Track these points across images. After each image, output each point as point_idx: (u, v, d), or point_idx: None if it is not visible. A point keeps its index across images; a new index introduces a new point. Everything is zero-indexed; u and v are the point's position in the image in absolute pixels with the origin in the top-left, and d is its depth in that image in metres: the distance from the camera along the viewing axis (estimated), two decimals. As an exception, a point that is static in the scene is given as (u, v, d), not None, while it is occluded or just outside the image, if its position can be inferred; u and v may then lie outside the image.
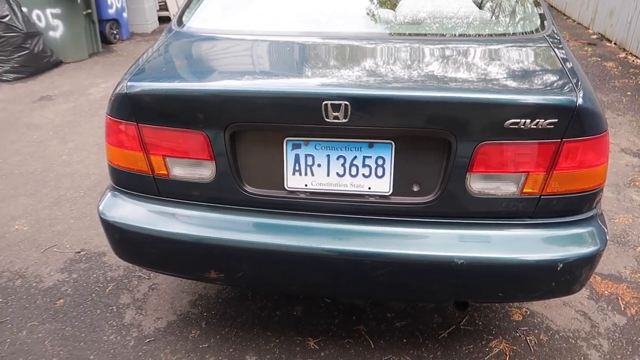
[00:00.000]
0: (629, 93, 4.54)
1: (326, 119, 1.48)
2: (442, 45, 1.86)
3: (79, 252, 2.64)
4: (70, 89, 5.17)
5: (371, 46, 1.86)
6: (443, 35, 1.96)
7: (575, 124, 1.47)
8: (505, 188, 1.57)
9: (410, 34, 1.99)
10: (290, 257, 1.65)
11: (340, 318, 2.22)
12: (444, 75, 1.63)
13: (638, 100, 4.39)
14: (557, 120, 1.45)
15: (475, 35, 1.96)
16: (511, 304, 2.29)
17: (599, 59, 5.99)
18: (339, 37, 1.92)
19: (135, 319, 2.20)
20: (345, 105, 1.46)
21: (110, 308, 2.26)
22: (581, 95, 1.47)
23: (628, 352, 2.04)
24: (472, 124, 1.49)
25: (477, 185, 1.56)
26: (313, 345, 2.08)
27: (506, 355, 2.03)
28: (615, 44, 6.73)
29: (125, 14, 7.34)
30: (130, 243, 1.81)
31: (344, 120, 1.48)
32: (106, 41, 7.01)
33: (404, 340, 2.11)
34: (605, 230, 1.66)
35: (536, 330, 2.15)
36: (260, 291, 2.35)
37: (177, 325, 2.17)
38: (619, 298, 2.31)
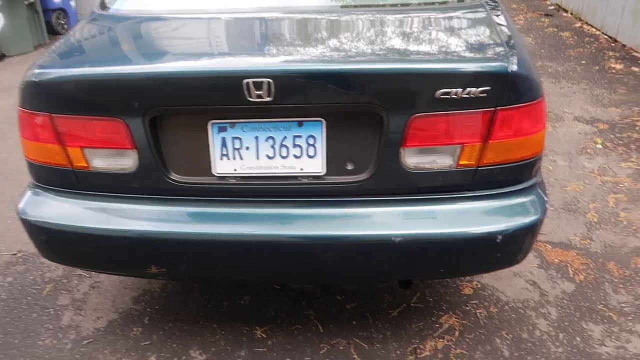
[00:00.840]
0: (583, 62, 4.57)
1: (249, 99, 1.40)
2: (369, 16, 1.78)
3: (15, 254, 2.51)
4: (12, 84, 4.92)
5: (294, 20, 1.77)
6: (370, 5, 1.88)
7: (509, 92, 1.42)
8: (441, 161, 1.52)
9: (334, 6, 1.90)
10: (225, 247, 1.58)
11: (289, 304, 2.16)
12: (371, 46, 1.55)
13: (592, 69, 4.42)
14: (489, 88, 1.40)
15: (406, 4, 1.89)
16: (462, 278, 2.27)
17: (556, 29, 6.03)
18: (261, 11, 1.82)
19: (74, 320, 2.09)
20: (268, 82, 1.37)
21: (47, 310, 2.14)
22: (514, 61, 1.41)
23: (575, 319, 2.04)
24: (401, 96, 1.42)
25: (412, 160, 1.50)
26: (260, 334, 2.02)
27: (456, 330, 2.01)
28: (571, 14, 6.78)
29: (73, 3, 7.04)
30: (56, 243, 1.70)
31: (268, 99, 1.40)
32: (53, 32, 6.71)
33: (354, 323, 2.07)
34: (546, 198, 1.63)
35: (486, 303, 2.14)
36: (208, 283, 2.28)
37: (118, 324, 2.08)
38: (569, 265, 2.32)
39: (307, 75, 1.42)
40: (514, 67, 1.40)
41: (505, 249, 1.58)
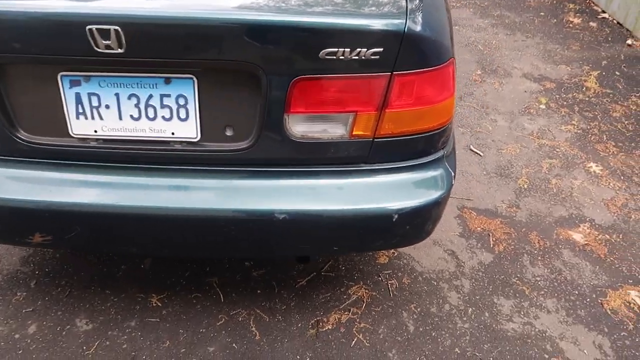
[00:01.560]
0: (542, 13, 4.35)
1: (97, 49, 1.16)
2: None
3: None
4: None
5: None
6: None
7: (407, 54, 1.23)
8: (332, 131, 1.33)
9: None
10: (90, 217, 1.39)
11: (192, 270, 2.02)
12: None
13: (550, 21, 4.21)
14: (382, 49, 1.20)
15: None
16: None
17: (522, -24, 5.73)
18: None
19: (-52, 284, 1.91)
20: (116, 30, 1.14)
21: None
22: (412, 19, 1.20)
23: (488, 292, 1.97)
24: (281, 55, 1.21)
25: (299, 128, 1.32)
26: (156, 303, 1.89)
27: (363, 302, 1.92)
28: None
29: None
30: None
31: (119, 51, 1.16)
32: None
33: (258, 292, 1.95)
34: (453, 173, 1.48)
35: (399, 274, 2.04)
36: (91, 253, 2.09)
37: (0, 287, 1.91)
38: (490, 234, 2.23)
39: (164, 24, 1.17)
40: (413, 27, 1.20)
41: (404, 227, 1.44)
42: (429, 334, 1.82)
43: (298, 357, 1.73)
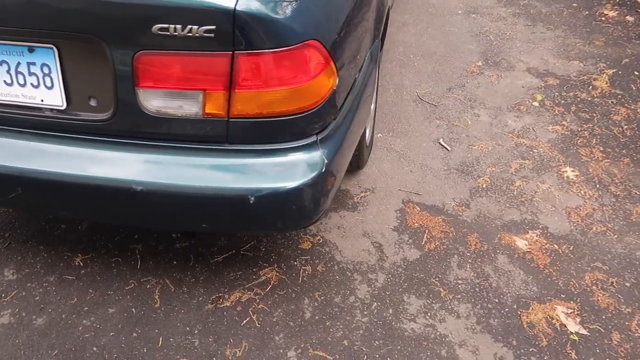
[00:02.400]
0: (574, 4, 4.01)
1: None
2: None
3: None
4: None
5: None
6: None
7: (245, 34, 1.21)
8: (187, 108, 1.35)
9: None
10: None
11: (122, 235, 2.11)
12: None
13: (581, 13, 3.88)
14: (215, 27, 1.19)
15: None
16: (305, 231, 2.14)
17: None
18: None
19: None
20: None
21: None
22: None
23: (400, 289, 1.91)
24: (118, 29, 1.25)
25: (153, 103, 1.34)
26: (79, 262, 2.00)
27: (269, 284, 1.92)
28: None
29: None
30: None
31: None
32: None
33: (174, 263, 2.01)
34: (324, 161, 1.44)
35: (317, 260, 2.02)
36: None
37: (-54, 234, 2.11)
38: (426, 231, 2.14)
39: None
40: (245, 6, 1.17)
41: (266, 211, 1.43)
42: (323, 323, 1.80)
43: (188, 328, 1.78)
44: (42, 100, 1.40)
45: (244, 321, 1.80)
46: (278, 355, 1.70)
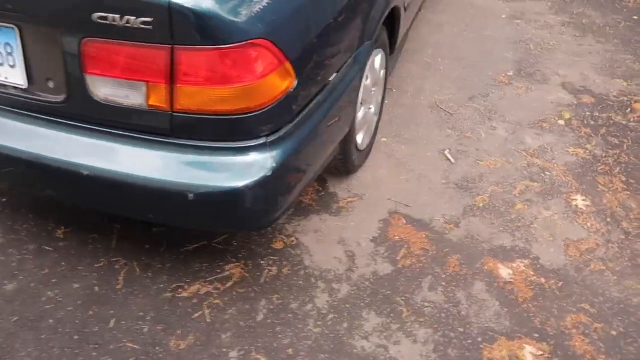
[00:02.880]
0: (635, 17, 3.66)
1: None
2: None
3: None
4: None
5: None
6: None
7: (183, 28, 1.19)
8: (132, 98, 1.34)
9: None
10: None
11: (109, 214, 2.17)
12: None
13: (638, 27, 3.54)
14: (152, 19, 1.17)
15: None
16: (281, 229, 2.10)
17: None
18: None
19: None
20: None
21: None
22: None
23: (362, 304, 1.82)
24: (63, 13, 1.26)
25: (101, 90, 1.35)
26: (59, 234, 2.07)
27: (231, 280, 1.91)
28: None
29: None
30: None
31: None
32: None
33: (146, 247, 2.03)
34: (272, 164, 1.39)
35: (285, 262, 1.98)
36: None
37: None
38: (405, 246, 2.04)
39: None
40: (181, 1, 1.14)
41: (204, 209, 1.41)
42: (273, 327, 1.76)
43: (141, 313, 1.80)
44: (6, 78, 1.45)
45: (196, 314, 1.79)
46: (220, 354, 1.68)
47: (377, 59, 2.20)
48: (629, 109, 2.77)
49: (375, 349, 1.70)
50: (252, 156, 1.38)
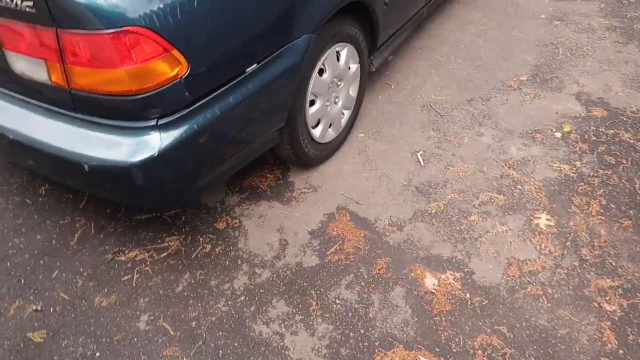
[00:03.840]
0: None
1: None
2: None
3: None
4: None
5: None
6: None
7: (59, 12, 1.31)
8: (40, 74, 1.50)
9: None
10: None
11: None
12: None
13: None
14: (32, 3, 1.30)
15: None
16: (228, 210, 2.19)
17: None
18: None
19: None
20: None
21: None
22: None
23: (276, 291, 1.87)
24: None
25: (18, 65, 1.53)
26: (43, 191, 2.33)
27: (167, 251, 2.04)
28: None
29: None
30: None
31: None
32: None
33: (107, 211, 2.22)
34: (160, 146, 1.48)
35: (220, 242, 2.07)
36: None
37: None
38: (340, 242, 2.04)
39: None
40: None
41: (100, 181, 1.56)
42: (187, 300, 1.87)
43: (81, 269, 1.99)
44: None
45: (126, 277, 1.96)
46: (132, 316, 1.83)
47: (344, 53, 2.19)
48: (644, 128, 2.49)
49: (271, 336, 1.75)
50: (141, 136, 1.48)
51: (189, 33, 1.44)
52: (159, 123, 1.49)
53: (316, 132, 2.22)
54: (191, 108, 1.54)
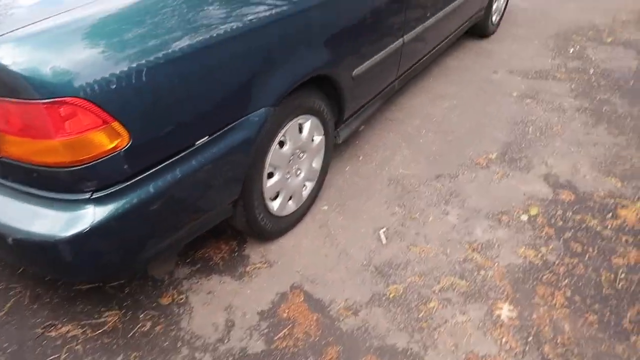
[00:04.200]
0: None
1: None
2: None
3: None
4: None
5: None
6: None
7: None
8: None
9: None
10: None
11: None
12: None
13: (666, 122, 3.15)
14: None
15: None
16: (175, 285, 2.06)
17: None
18: None
19: None
20: None
21: None
22: None
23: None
24: None
25: None
26: None
27: (103, 328, 1.89)
28: None
29: None
30: None
31: None
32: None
33: (47, 279, 2.08)
34: (93, 220, 1.38)
35: (162, 320, 1.93)
36: None
37: None
38: (290, 327, 1.90)
39: None
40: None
41: (24, 254, 1.45)
42: (115, 386, 1.71)
43: (6, 344, 1.83)
44: None
45: (52, 357, 1.79)
46: (52, 403, 1.66)
47: (307, 126, 2.15)
48: (610, 214, 2.44)
49: None
50: (73, 210, 1.39)
51: (133, 105, 1.37)
52: (93, 196, 1.40)
53: (274, 205, 2.14)
54: (132, 181, 1.45)
